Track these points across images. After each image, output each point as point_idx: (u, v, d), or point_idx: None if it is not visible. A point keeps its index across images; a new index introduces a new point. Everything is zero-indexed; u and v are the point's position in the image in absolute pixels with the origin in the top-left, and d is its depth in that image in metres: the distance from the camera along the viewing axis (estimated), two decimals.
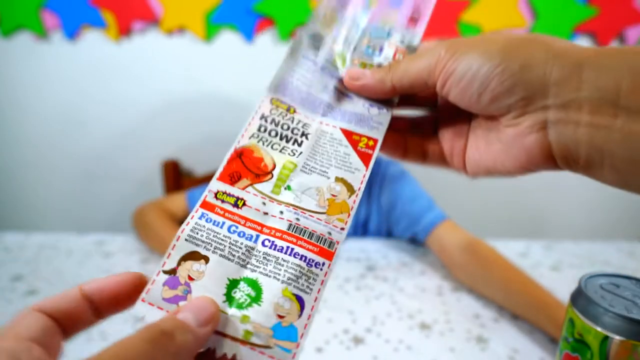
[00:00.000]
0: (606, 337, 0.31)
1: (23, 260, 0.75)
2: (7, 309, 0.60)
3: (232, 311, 0.22)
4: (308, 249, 0.24)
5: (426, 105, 0.31)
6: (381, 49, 0.30)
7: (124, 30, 1.18)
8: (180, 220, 0.83)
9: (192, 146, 1.29)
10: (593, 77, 0.21)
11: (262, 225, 0.24)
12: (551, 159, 0.23)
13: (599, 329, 0.31)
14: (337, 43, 0.30)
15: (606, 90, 0.20)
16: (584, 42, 1.20)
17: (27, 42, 1.19)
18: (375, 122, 0.28)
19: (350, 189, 0.26)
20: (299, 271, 0.23)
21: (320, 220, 0.25)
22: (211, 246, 0.23)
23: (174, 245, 0.23)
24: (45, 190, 1.34)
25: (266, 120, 0.28)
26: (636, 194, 0.22)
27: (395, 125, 0.30)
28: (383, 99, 0.29)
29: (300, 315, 0.22)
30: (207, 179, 1.14)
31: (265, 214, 0.25)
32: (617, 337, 0.31)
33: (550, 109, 0.22)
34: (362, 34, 0.31)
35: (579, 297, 0.34)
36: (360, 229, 0.91)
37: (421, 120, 0.32)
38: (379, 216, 0.90)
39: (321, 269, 0.23)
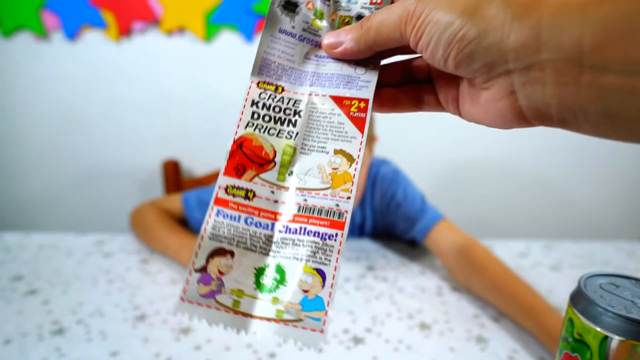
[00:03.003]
0: (606, 337, 0.31)
1: (23, 260, 0.75)
2: (7, 309, 0.60)
3: (262, 296, 0.24)
4: (320, 225, 0.25)
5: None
6: None
7: (124, 31, 1.18)
8: (177, 221, 0.83)
9: (192, 146, 1.29)
10: (552, 38, 0.20)
11: (275, 213, 0.26)
12: (525, 120, 0.23)
13: (598, 329, 0.31)
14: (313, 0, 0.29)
15: (568, 51, 0.19)
16: None
17: (27, 42, 1.19)
18: (363, 80, 0.28)
19: (350, 159, 0.27)
20: (315, 247, 0.25)
21: (327, 195, 0.26)
22: (234, 241, 0.25)
23: (199, 244, 0.25)
24: (45, 190, 1.34)
25: (257, 106, 0.28)
26: (617, 142, 0.21)
27: (387, 79, 0.29)
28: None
29: (323, 286, 0.24)
30: (207, 179, 1.14)
31: (276, 202, 0.26)
32: (617, 337, 0.31)
33: (514, 72, 0.22)
34: None
35: (578, 297, 0.34)
36: (357, 232, 0.91)
37: (415, 66, 0.30)
38: (373, 218, 0.90)
39: (335, 240, 0.25)
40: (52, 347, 0.53)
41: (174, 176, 1.20)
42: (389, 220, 0.86)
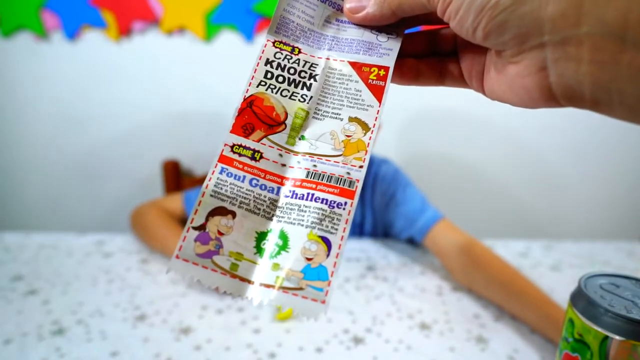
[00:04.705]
0: (606, 337, 0.31)
1: (23, 260, 0.75)
2: (7, 309, 0.60)
3: (262, 261, 0.23)
4: (328, 192, 0.24)
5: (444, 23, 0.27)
6: None
7: (124, 31, 1.18)
8: (178, 220, 0.84)
9: (192, 146, 1.29)
10: (596, 10, 0.18)
11: (282, 177, 0.25)
12: (553, 99, 0.22)
13: (598, 329, 0.31)
14: None
15: (611, 24, 0.18)
16: None
17: (27, 42, 1.19)
18: (385, 48, 0.27)
19: (365, 127, 0.26)
20: (322, 214, 0.24)
21: (338, 162, 0.25)
22: (236, 201, 0.24)
23: (200, 201, 0.23)
24: (45, 190, 1.34)
25: (272, 66, 0.27)
26: None
27: (410, 48, 0.28)
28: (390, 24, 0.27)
29: (328, 255, 0.23)
30: None
31: (283, 165, 0.25)
32: (617, 337, 0.31)
33: (547, 46, 0.20)
34: None
35: (578, 297, 0.34)
36: (357, 231, 0.91)
37: (440, 36, 0.29)
38: (373, 217, 0.90)
39: (344, 209, 0.24)
40: (52, 347, 0.53)
41: (174, 176, 1.20)
42: (388, 220, 0.86)
